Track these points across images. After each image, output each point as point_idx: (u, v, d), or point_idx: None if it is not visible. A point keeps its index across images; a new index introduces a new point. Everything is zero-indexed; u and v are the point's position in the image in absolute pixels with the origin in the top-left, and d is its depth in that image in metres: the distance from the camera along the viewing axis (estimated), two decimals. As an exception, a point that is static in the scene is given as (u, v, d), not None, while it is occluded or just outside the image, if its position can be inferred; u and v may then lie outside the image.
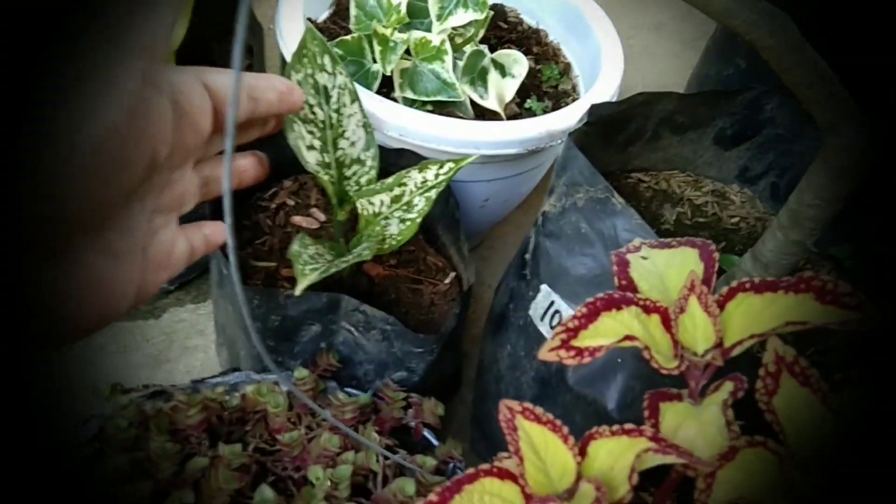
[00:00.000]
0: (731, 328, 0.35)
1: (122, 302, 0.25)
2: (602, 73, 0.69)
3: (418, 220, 0.51)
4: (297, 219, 0.65)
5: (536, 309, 0.56)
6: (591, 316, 0.35)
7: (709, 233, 0.70)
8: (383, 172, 0.55)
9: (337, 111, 0.54)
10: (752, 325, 0.34)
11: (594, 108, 0.57)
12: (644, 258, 0.42)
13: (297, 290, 0.44)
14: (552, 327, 0.55)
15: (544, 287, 0.56)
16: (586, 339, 0.34)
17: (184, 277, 0.75)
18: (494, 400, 0.65)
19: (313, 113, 0.53)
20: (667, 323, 0.36)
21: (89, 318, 0.23)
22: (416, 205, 0.52)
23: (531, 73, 0.74)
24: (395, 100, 0.68)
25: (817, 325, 0.32)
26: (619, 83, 0.69)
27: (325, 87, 0.54)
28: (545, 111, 0.71)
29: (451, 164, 0.50)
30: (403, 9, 0.65)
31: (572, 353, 0.34)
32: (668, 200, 0.71)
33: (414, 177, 0.52)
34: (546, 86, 0.75)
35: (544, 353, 0.34)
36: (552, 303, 0.55)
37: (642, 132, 0.67)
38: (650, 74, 1.20)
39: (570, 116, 0.65)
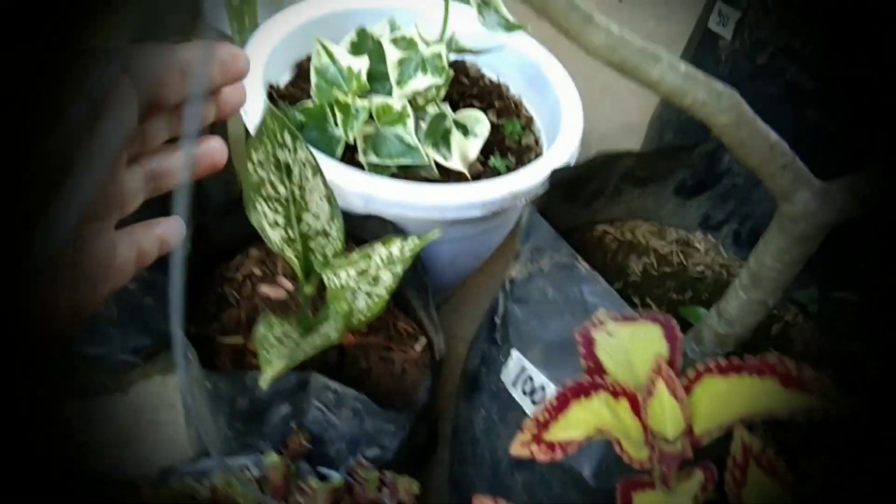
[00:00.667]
0: (700, 412, 0.35)
1: (54, 325, 0.22)
2: (562, 130, 0.70)
3: (386, 296, 0.51)
4: (264, 289, 0.65)
5: (508, 374, 0.56)
6: (560, 406, 0.35)
7: (675, 282, 0.71)
8: (350, 236, 0.55)
9: (299, 186, 0.54)
10: (720, 409, 0.34)
11: (555, 174, 0.57)
12: (609, 335, 0.42)
13: (263, 382, 0.43)
14: (524, 393, 0.55)
15: (515, 353, 0.56)
16: (558, 432, 0.34)
17: (151, 349, 0.74)
18: (471, 463, 0.64)
19: (275, 190, 0.53)
20: (636, 408, 0.36)
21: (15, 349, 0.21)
22: (383, 279, 0.52)
23: (494, 128, 0.74)
24: (359, 163, 0.68)
25: (782, 414, 0.32)
26: (579, 140, 0.70)
27: (287, 164, 0.53)
28: (508, 168, 0.72)
29: (415, 240, 0.50)
30: (364, 75, 0.65)
31: (543, 447, 0.33)
32: (634, 251, 0.72)
33: (379, 251, 0.52)
34: (509, 140, 0.76)
35: (516, 449, 0.34)
36: (523, 368, 0.55)
37: (604, 188, 0.68)
38: (612, 113, 1.22)
39: (532, 176, 0.65)
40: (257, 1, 0.89)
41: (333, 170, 0.60)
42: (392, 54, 0.64)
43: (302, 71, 0.78)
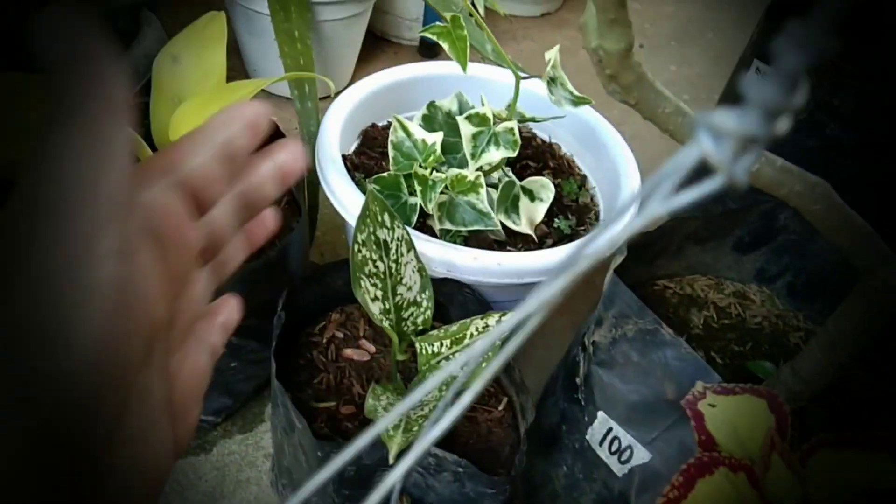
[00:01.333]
0: (815, 484, 0.38)
1: (164, 470, 0.20)
2: (622, 191, 0.73)
3: (484, 365, 0.54)
4: (348, 352, 0.68)
5: (594, 435, 0.59)
6: (688, 484, 0.38)
7: (735, 334, 0.74)
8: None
9: (395, 261, 0.58)
10: (836, 481, 0.37)
11: (631, 245, 0.61)
12: (712, 405, 0.45)
13: (391, 458, 0.46)
14: (612, 453, 0.58)
15: (601, 414, 0.59)
16: (688, 508, 0.37)
17: (230, 409, 0.77)
18: (551, 517, 0.67)
19: (375, 266, 0.57)
20: (754, 481, 0.39)
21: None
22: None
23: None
24: (431, 228, 0.71)
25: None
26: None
27: (385, 241, 0.57)
28: (571, 228, 0.75)
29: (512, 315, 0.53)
30: (438, 149, 0.69)
31: (677, 522, 0.36)
32: (694, 305, 0.75)
33: (476, 323, 0.55)
34: (567, 199, 0.80)
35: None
36: (610, 429, 0.58)
37: (669, 247, 0.71)
38: (642, 158, 1.26)
39: (605, 234, 0.69)
40: (314, 69, 0.94)
41: (420, 243, 0.63)
42: (466, 129, 0.68)
43: (367, 138, 0.82)
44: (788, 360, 0.71)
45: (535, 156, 0.85)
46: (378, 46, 1.37)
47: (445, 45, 0.65)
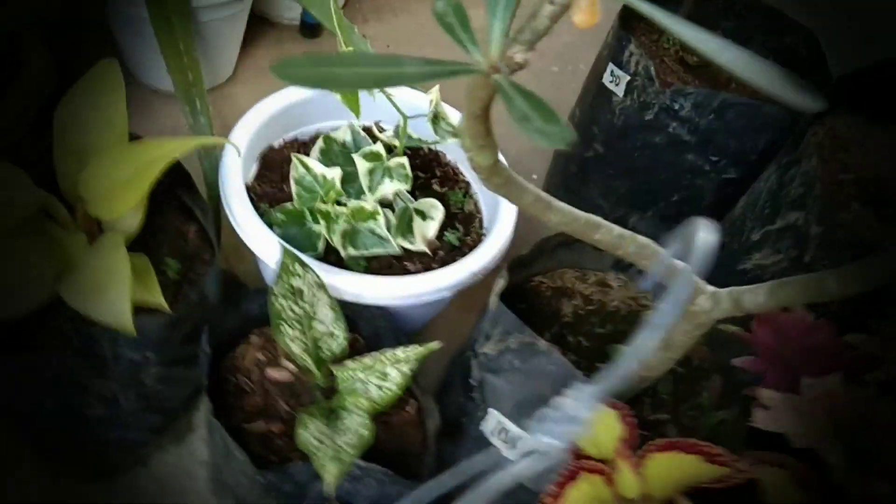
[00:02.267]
0: (652, 481, 0.52)
1: None
2: (500, 208, 0.84)
3: (397, 390, 0.65)
4: (272, 373, 0.76)
5: (487, 427, 0.72)
6: (560, 488, 0.51)
7: (598, 318, 0.88)
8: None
9: (310, 303, 0.66)
10: (665, 478, 0.51)
11: (511, 267, 0.72)
12: (577, 414, 0.58)
13: (328, 488, 0.57)
14: (503, 442, 0.71)
15: (492, 411, 0.71)
16: (561, 509, 0.50)
17: (161, 425, 0.84)
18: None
19: (293, 311, 0.65)
20: (609, 480, 0.52)
21: None
22: (391, 375, 0.65)
23: (440, 198, 0.88)
24: (336, 250, 0.80)
25: (705, 484, 0.49)
26: (515, 215, 0.85)
27: (299, 289, 0.65)
28: (459, 239, 0.86)
29: (414, 347, 0.64)
30: (338, 183, 0.76)
31: (552, 523, 0.49)
32: (564, 295, 0.88)
33: (385, 353, 0.65)
34: (454, 207, 0.90)
35: (533, 525, 0.49)
36: (499, 422, 0.71)
37: (542, 254, 0.83)
38: (523, 138, 1.37)
39: (487, 254, 0.80)
40: (203, 83, 0.96)
41: (331, 276, 0.72)
42: (362, 166, 0.76)
43: (266, 162, 0.88)
44: (641, 337, 0.87)
45: (423, 165, 0.93)
46: (259, 29, 1.38)
47: (337, 97, 0.72)
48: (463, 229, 0.88)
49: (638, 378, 0.73)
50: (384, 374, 0.65)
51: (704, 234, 0.43)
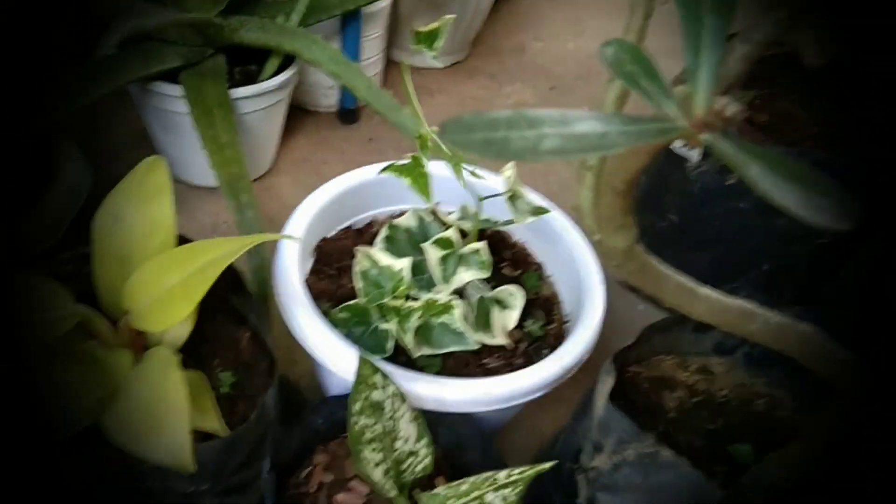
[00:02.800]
0: None
1: None
2: (585, 291, 0.75)
3: (496, 518, 0.54)
4: (341, 498, 0.65)
5: (605, 557, 0.60)
6: None
7: (706, 411, 0.77)
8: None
9: (391, 418, 0.56)
10: None
11: (617, 360, 0.62)
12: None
13: None
14: (624, 575, 0.59)
15: (609, 538, 0.60)
16: None
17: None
18: None
19: (373, 430, 0.55)
20: None
21: None
22: (490, 502, 0.54)
23: (512, 283, 0.79)
24: (404, 350, 0.70)
25: None
26: (604, 293, 0.76)
27: (379, 402, 0.55)
28: (542, 329, 0.76)
29: (523, 469, 0.53)
30: (408, 276, 0.67)
31: None
32: (665, 387, 0.78)
33: (481, 476, 0.55)
34: (530, 294, 0.80)
35: None
36: (621, 552, 0.59)
37: (638, 343, 0.73)
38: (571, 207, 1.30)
39: (579, 344, 0.70)
40: (248, 176, 0.90)
41: (408, 382, 0.62)
42: (433, 254, 0.68)
43: (321, 254, 0.80)
44: (758, 431, 0.75)
45: (490, 248, 0.85)
46: (297, 117, 1.34)
47: (407, 181, 0.64)
48: (544, 317, 0.78)
49: (778, 485, 0.61)
50: (483, 502, 0.55)
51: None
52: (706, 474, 0.70)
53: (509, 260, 0.84)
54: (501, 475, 0.55)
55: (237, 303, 0.75)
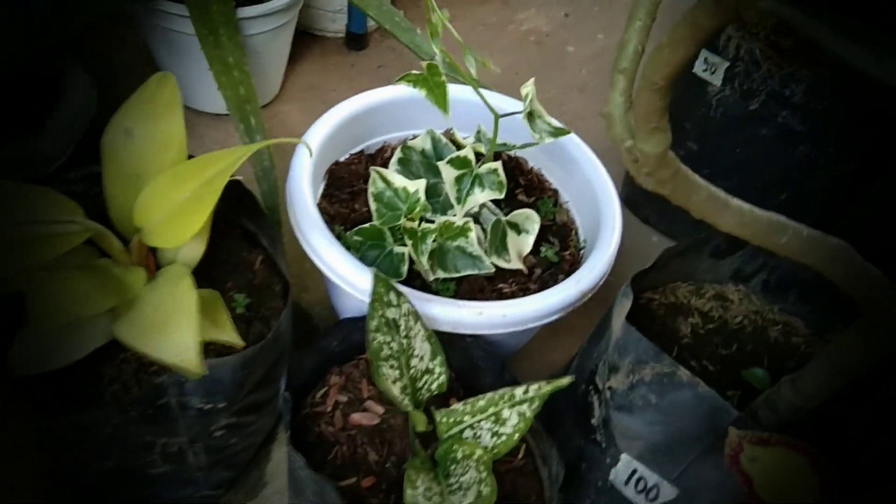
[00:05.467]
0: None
1: None
2: (603, 217, 0.73)
3: (516, 436, 0.54)
4: (356, 417, 0.66)
5: (618, 476, 0.61)
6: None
7: (720, 337, 0.76)
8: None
9: (406, 336, 0.56)
10: None
11: (635, 283, 0.62)
12: (752, 460, 0.47)
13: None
14: (638, 492, 0.60)
15: (625, 457, 0.60)
16: None
17: (230, 481, 0.74)
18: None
19: (390, 347, 0.55)
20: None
21: None
22: (508, 418, 0.55)
23: (530, 207, 0.77)
24: (419, 275, 0.70)
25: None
26: (620, 222, 0.74)
27: (395, 320, 0.55)
28: (557, 255, 0.75)
29: (540, 384, 0.53)
30: (422, 197, 0.66)
31: None
32: (680, 313, 0.77)
33: (503, 393, 0.55)
34: (545, 220, 0.79)
35: None
36: (635, 470, 0.60)
37: (654, 267, 0.72)
38: (587, 138, 1.27)
39: (596, 268, 0.69)
40: (257, 98, 0.88)
41: (424, 305, 0.62)
42: (448, 174, 0.66)
43: (333, 178, 0.79)
44: (772, 358, 0.75)
45: (506, 173, 0.83)
46: (303, 42, 1.30)
47: (423, 92, 0.62)
48: (559, 243, 0.77)
49: (791, 408, 0.61)
50: (500, 418, 0.55)
51: None
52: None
53: (524, 186, 0.83)
54: (518, 391, 0.54)
55: (250, 226, 0.74)
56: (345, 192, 0.77)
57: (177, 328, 0.52)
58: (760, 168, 0.93)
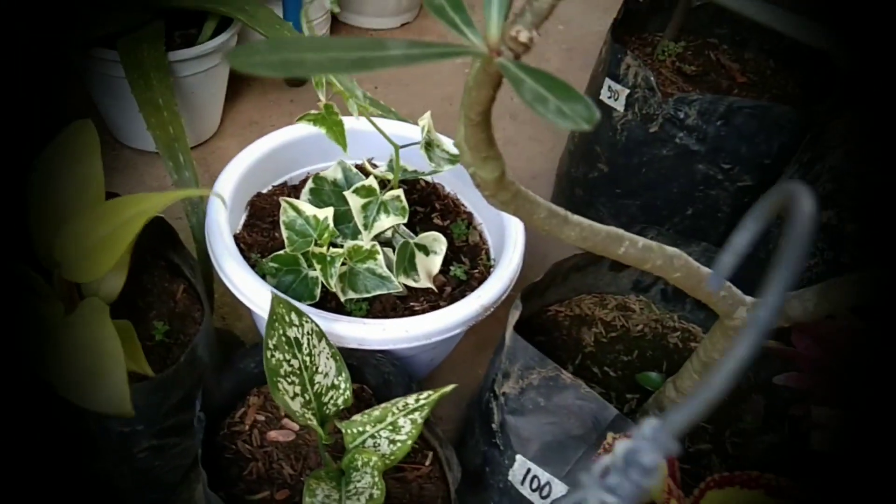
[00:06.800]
0: (707, 523, 0.45)
1: None
2: (507, 235, 0.79)
3: (409, 441, 0.58)
4: (273, 434, 0.70)
5: (515, 476, 0.65)
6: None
7: (622, 345, 0.82)
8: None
9: (309, 354, 0.60)
10: (723, 519, 0.44)
11: (524, 295, 0.67)
12: (615, 452, 0.52)
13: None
14: (533, 490, 0.64)
15: (519, 457, 0.64)
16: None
17: (160, 502, 0.77)
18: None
19: (290, 365, 0.59)
20: (658, 527, 0.46)
21: None
22: (403, 426, 0.59)
23: (442, 231, 0.82)
24: (335, 296, 0.74)
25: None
26: (524, 240, 0.80)
27: (296, 339, 0.59)
28: (466, 273, 0.80)
29: (429, 393, 0.58)
30: (331, 224, 0.71)
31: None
32: (584, 323, 0.82)
33: (396, 405, 0.59)
34: (458, 241, 0.84)
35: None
36: (528, 469, 0.64)
37: (555, 281, 0.78)
38: (518, 163, 1.33)
39: (497, 284, 0.74)
40: (186, 137, 0.92)
41: (330, 324, 0.66)
42: (355, 202, 0.71)
43: (255, 209, 0.83)
44: (671, 362, 0.80)
45: (421, 199, 0.89)
46: (244, 81, 1.35)
47: (322, 130, 0.67)
48: (469, 262, 0.82)
49: (672, 406, 0.66)
50: (396, 426, 0.59)
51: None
52: (618, 401, 0.76)
53: (440, 210, 0.88)
54: (411, 400, 0.59)
55: (175, 258, 0.78)
56: (266, 222, 0.82)
57: (108, 380, 0.56)
58: (666, 186, 0.99)
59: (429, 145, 0.71)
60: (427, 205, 0.88)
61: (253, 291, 0.68)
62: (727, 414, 0.76)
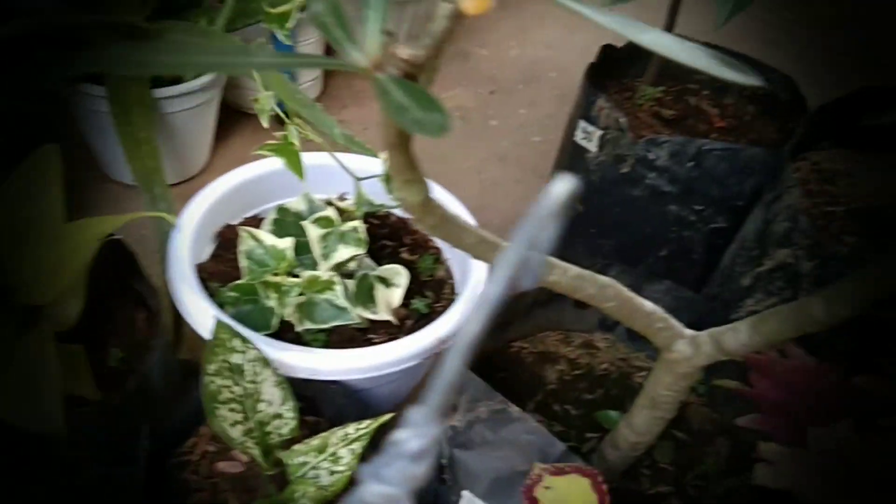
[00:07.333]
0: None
1: None
2: (471, 269, 0.79)
3: (348, 472, 0.58)
4: (221, 465, 0.69)
5: (463, 512, 0.64)
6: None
7: (586, 383, 0.80)
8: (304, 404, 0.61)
9: (252, 381, 0.60)
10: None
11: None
12: (547, 488, 0.51)
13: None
14: (480, 527, 0.63)
15: (466, 493, 0.63)
16: None
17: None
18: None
19: (231, 391, 0.59)
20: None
21: None
22: (342, 457, 0.58)
23: (409, 265, 0.82)
24: (292, 326, 0.74)
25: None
26: (485, 272, 0.80)
27: (239, 366, 0.59)
28: (428, 307, 0.80)
29: (369, 422, 0.57)
30: (290, 254, 0.71)
31: None
32: (548, 361, 0.81)
33: (336, 433, 0.58)
34: (424, 276, 0.84)
35: None
36: (476, 506, 0.63)
37: (518, 313, 0.77)
38: (504, 204, 1.34)
39: (455, 317, 0.74)
40: (164, 170, 0.94)
41: (280, 353, 0.66)
42: (313, 232, 0.72)
43: (223, 240, 0.84)
44: (633, 401, 0.79)
45: (391, 234, 0.89)
46: (234, 119, 1.38)
47: (282, 160, 0.68)
48: (434, 296, 0.82)
49: (629, 445, 0.65)
50: (336, 457, 0.58)
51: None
52: (577, 440, 0.74)
53: (408, 245, 0.88)
54: (351, 430, 0.58)
55: (139, 286, 0.79)
56: (231, 253, 0.82)
57: (41, 399, 0.56)
58: (639, 226, 0.99)
59: (388, 178, 0.72)
60: (396, 239, 0.88)
61: (206, 319, 0.68)
62: (690, 456, 0.74)
